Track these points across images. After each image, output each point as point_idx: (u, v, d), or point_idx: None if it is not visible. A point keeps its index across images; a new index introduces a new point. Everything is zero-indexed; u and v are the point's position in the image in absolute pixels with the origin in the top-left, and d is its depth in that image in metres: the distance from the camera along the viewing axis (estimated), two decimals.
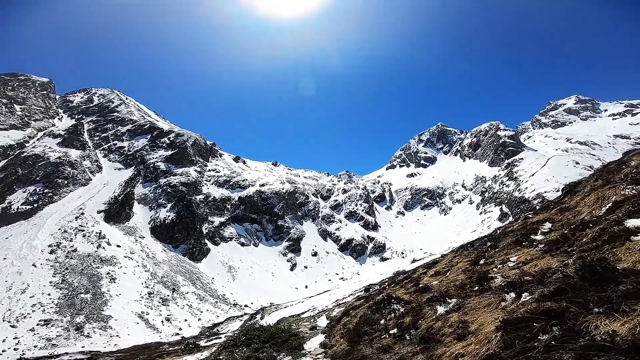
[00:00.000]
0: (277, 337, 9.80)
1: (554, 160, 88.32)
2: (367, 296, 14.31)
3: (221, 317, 49.58)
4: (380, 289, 16.48)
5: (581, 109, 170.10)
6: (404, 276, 15.08)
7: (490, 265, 7.13)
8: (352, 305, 13.26)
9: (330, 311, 21.26)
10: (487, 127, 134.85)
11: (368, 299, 12.63)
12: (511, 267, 6.30)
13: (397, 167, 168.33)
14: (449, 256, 13.98)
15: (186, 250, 69.16)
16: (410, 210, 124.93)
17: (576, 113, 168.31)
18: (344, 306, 19.24)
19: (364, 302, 12.19)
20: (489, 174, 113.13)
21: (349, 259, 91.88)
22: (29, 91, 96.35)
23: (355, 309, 11.28)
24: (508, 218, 79.71)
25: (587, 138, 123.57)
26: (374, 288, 20.55)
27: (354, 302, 14.94)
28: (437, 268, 10.75)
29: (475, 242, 14.17)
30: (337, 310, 18.56)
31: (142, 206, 74.66)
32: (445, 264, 11.16)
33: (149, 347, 16.90)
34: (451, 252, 17.39)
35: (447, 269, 9.65)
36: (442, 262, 12.67)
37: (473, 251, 10.52)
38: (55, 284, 40.78)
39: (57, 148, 77.66)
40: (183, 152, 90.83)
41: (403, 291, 8.95)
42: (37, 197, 63.52)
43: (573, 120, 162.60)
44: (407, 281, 11.77)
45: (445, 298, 6.15)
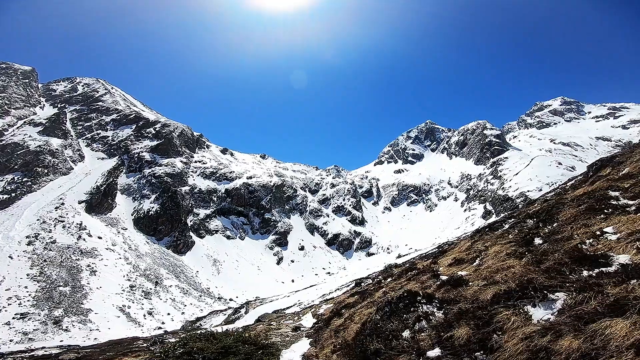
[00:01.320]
0: (233, 353, 6.41)
1: (537, 160, 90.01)
2: (362, 291, 12.25)
3: (205, 310, 49.24)
4: (374, 282, 14.48)
5: (566, 111, 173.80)
6: (402, 269, 13.16)
7: (568, 242, 5.30)
8: (344, 302, 11.39)
9: (317, 307, 19.71)
10: (475, 126, 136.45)
11: (364, 294, 10.91)
12: (619, 239, 4.59)
13: (385, 163, 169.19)
14: (463, 242, 12.02)
15: (170, 243, 68.22)
16: (396, 206, 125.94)
17: (561, 114, 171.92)
18: (332, 302, 17.39)
19: (359, 298, 10.57)
20: (474, 172, 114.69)
21: (336, 253, 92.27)
22: (10, 79, 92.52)
23: (348, 307, 9.79)
24: (492, 216, 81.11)
25: (571, 139, 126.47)
26: (365, 282, 18.75)
27: (346, 298, 13.10)
28: (455, 256, 9.16)
29: (498, 223, 12.04)
30: (325, 307, 17.28)
31: (125, 197, 73.12)
32: (464, 250, 9.50)
33: (122, 343, 16.49)
34: (466, 239, 15.11)
35: (473, 255, 7.92)
36: (456, 249, 10.95)
37: (507, 232, 8.74)
38: (32, 276, 39.65)
39: (37, 137, 75.09)
40: (169, 142, 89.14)
41: (418, 286, 7.11)
42: (15, 186, 61.44)
43: (558, 122, 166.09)
44: (413, 273, 9.77)
45: (536, 293, 3.79)
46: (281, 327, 13.03)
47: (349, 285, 36.87)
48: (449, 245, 15.51)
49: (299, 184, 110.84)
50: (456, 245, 13.52)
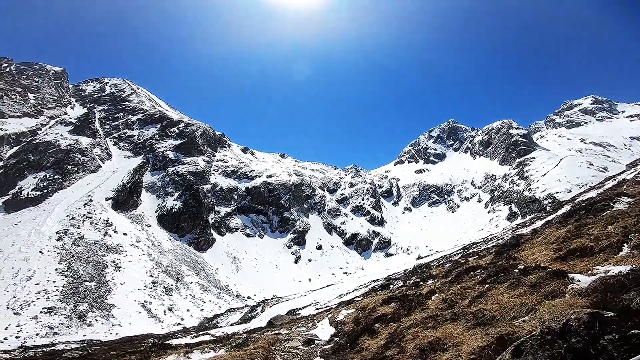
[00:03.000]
0: None
1: (567, 160, 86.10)
2: (402, 297, 9.51)
3: (223, 308, 50.07)
4: (410, 285, 12.00)
5: (597, 110, 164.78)
6: (446, 268, 11.01)
7: None
8: (377, 312, 8.91)
9: (335, 312, 16.22)
10: (499, 125, 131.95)
11: (408, 302, 8.27)
12: None
13: (405, 162, 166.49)
14: (550, 231, 9.22)
15: (192, 240, 69.76)
16: (417, 206, 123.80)
17: (592, 113, 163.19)
18: (353, 307, 14.52)
19: (400, 307, 8.16)
20: (499, 172, 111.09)
21: (354, 253, 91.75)
22: (42, 80, 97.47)
23: (384, 321, 7.46)
24: (517, 217, 78.41)
25: (603, 139, 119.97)
26: (395, 283, 15.91)
27: (378, 305, 10.31)
28: (553, 246, 7.10)
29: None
30: (345, 312, 14.02)
31: (150, 194, 75.35)
32: (561, 239, 7.37)
33: (134, 340, 16.89)
34: (552, 226, 11.60)
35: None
36: (540, 240, 8.85)
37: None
38: (60, 271, 41.54)
39: (68, 135, 78.61)
40: (192, 141, 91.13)
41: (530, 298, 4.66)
42: (47, 183, 64.53)
43: (588, 121, 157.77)
44: (473, 271, 7.87)
45: None
46: (291, 337, 11.13)
47: (367, 285, 36.39)
48: (517, 238, 12.04)
49: (317, 183, 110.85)
50: (537, 234, 10.86)
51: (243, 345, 9.14)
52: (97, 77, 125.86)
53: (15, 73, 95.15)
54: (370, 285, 35.03)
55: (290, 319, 22.47)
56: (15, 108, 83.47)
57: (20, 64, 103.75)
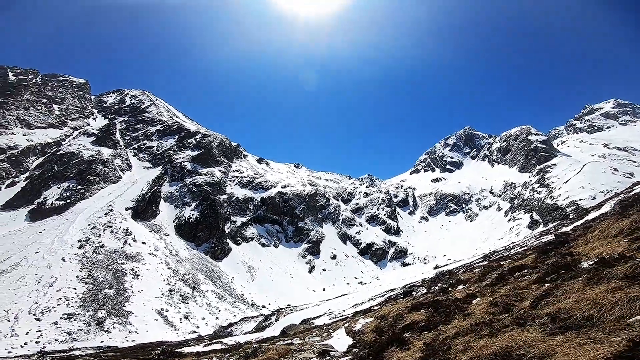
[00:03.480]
0: None
1: (590, 166, 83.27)
2: (434, 303, 8.54)
3: (238, 316, 50.04)
4: (437, 290, 10.95)
5: (620, 113, 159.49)
6: (477, 272, 10.12)
7: None
8: (406, 319, 7.93)
9: (352, 321, 14.96)
10: (518, 132, 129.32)
11: (443, 308, 7.45)
12: None
13: (421, 171, 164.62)
14: (608, 223, 8.50)
15: (208, 249, 70.45)
16: (434, 215, 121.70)
17: (614, 117, 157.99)
18: (372, 315, 13.63)
19: (433, 314, 7.28)
20: (519, 180, 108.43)
21: (369, 263, 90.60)
22: (66, 91, 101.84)
23: (415, 329, 6.63)
24: (539, 226, 76.01)
25: (627, 144, 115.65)
26: (418, 291, 14.70)
27: (401, 312, 9.36)
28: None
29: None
30: (364, 321, 13.00)
31: (168, 204, 76.82)
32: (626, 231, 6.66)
33: (147, 347, 16.99)
34: (609, 218, 10.91)
35: None
36: (596, 233, 8.04)
37: None
38: (81, 278, 42.55)
39: (90, 146, 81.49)
40: (209, 152, 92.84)
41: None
42: (70, 193, 66.78)
43: (611, 125, 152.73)
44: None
45: None
46: (304, 347, 10.36)
47: (383, 294, 35.73)
48: (563, 236, 11.00)
49: (331, 193, 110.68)
50: (590, 229, 9.73)
51: (252, 356, 8.87)
52: (118, 88, 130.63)
53: (41, 84, 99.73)
54: (386, 295, 34.38)
55: (304, 328, 21.99)
56: (41, 119, 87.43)
57: (45, 75, 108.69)
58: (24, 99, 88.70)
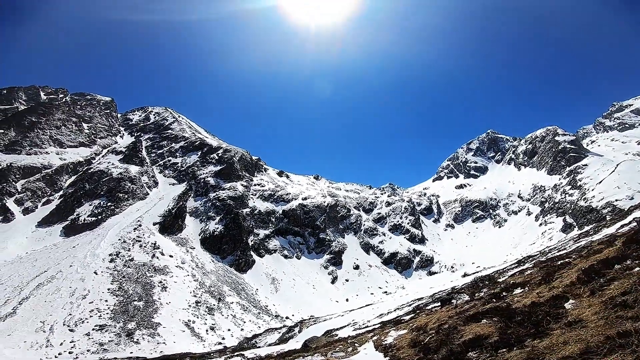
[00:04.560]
0: None
1: (624, 165, 79.13)
2: (501, 310, 7.04)
3: (262, 328, 50.01)
4: (488, 297, 9.36)
5: None
6: (537, 276, 8.53)
7: None
8: (455, 331, 6.56)
9: (382, 334, 12.56)
10: (544, 133, 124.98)
11: (509, 315, 6.33)
12: None
13: (444, 178, 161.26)
14: None
15: (233, 261, 71.26)
16: (460, 223, 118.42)
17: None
18: (404, 327, 11.60)
19: (504, 325, 5.80)
20: (548, 182, 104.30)
21: (393, 272, 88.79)
22: (94, 110, 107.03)
23: (481, 346, 5.33)
24: (573, 229, 72.55)
25: None
26: (459, 298, 12.69)
27: (453, 323, 7.56)
28: None
29: None
30: (396, 333, 11.09)
31: (193, 219, 78.63)
32: None
33: (170, 359, 17.20)
34: None
35: None
36: None
37: None
38: (112, 291, 43.94)
39: (118, 164, 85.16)
40: (230, 167, 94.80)
41: None
42: (101, 210, 69.70)
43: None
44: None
45: None
46: None
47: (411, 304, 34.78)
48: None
49: (352, 204, 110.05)
50: None
51: None
52: (142, 106, 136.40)
53: (71, 103, 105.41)
54: (414, 304, 33.43)
55: (327, 341, 20.86)
56: (72, 138, 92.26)
57: (74, 94, 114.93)
58: (56, 118, 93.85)
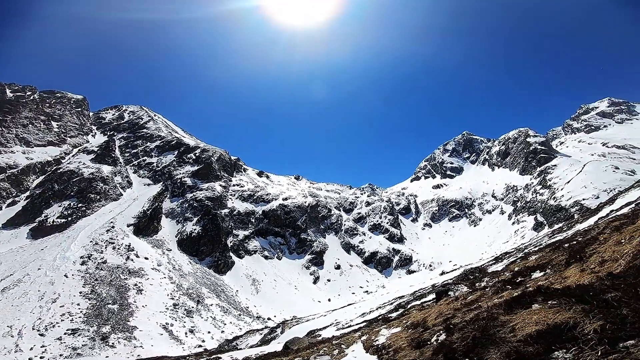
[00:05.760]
0: None
1: (591, 165, 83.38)
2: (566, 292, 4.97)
3: (244, 329, 49.08)
4: (501, 284, 8.40)
5: (615, 112, 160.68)
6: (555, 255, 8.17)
7: None
8: (492, 319, 4.95)
9: (371, 333, 11.05)
10: (516, 134, 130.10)
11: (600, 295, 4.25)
12: None
13: (422, 178, 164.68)
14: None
15: (211, 263, 69.69)
16: (437, 222, 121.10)
17: (610, 116, 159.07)
18: (396, 325, 10.22)
19: (585, 308, 3.81)
20: (520, 182, 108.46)
21: (374, 272, 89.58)
22: (65, 108, 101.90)
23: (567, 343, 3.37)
24: (544, 227, 75.59)
25: (625, 142, 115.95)
26: (456, 289, 11.24)
27: (445, 314, 7.29)
28: None
29: None
30: (387, 332, 9.59)
31: (170, 220, 76.35)
32: None
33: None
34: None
35: None
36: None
37: None
38: (84, 294, 41.86)
39: (90, 164, 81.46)
40: (208, 167, 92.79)
41: None
42: (71, 211, 66.41)
43: (608, 124, 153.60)
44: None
45: None
46: None
47: (392, 302, 34.96)
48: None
49: (333, 204, 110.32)
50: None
51: None
52: (116, 104, 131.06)
53: (39, 101, 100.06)
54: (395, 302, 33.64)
55: (309, 342, 19.11)
56: (40, 136, 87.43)
57: (43, 92, 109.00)
58: (23, 117, 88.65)
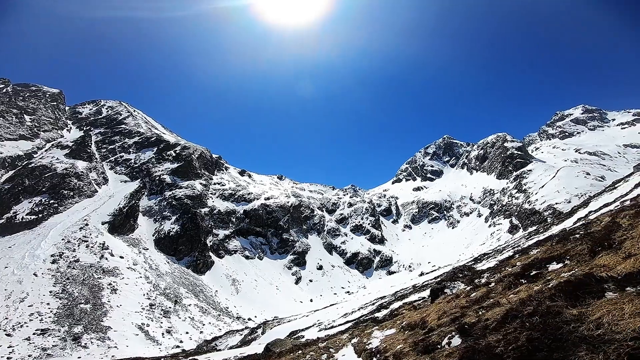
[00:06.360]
0: None
1: (564, 171, 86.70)
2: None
3: (223, 330, 48.25)
4: (513, 277, 6.96)
5: (589, 119, 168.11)
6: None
7: None
8: (554, 314, 3.68)
9: (362, 335, 10.27)
10: (494, 139, 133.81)
11: None
12: None
13: (403, 180, 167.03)
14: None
15: (190, 263, 68.23)
16: (417, 223, 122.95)
17: (584, 123, 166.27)
18: (389, 325, 9.62)
19: None
20: (497, 186, 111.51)
21: (355, 272, 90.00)
22: (39, 102, 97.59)
23: None
24: (518, 230, 77.90)
25: (597, 148, 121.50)
26: (454, 287, 10.22)
27: (453, 314, 6.33)
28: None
29: None
30: (380, 334, 8.65)
31: (147, 218, 74.26)
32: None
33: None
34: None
35: None
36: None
37: None
38: (55, 293, 40.00)
39: (64, 159, 78.17)
40: (189, 165, 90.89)
41: None
42: (42, 208, 63.47)
43: (581, 131, 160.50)
44: None
45: None
46: None
47: (374, 302, 35.16)
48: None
49: (316, 204, 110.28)
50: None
51: None
52: (94, 99, 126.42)
53: (12, 94, 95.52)
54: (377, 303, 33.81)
55: (293, 344, 17.67)
56: (12, 130, 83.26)
57: (17, 85, 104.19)
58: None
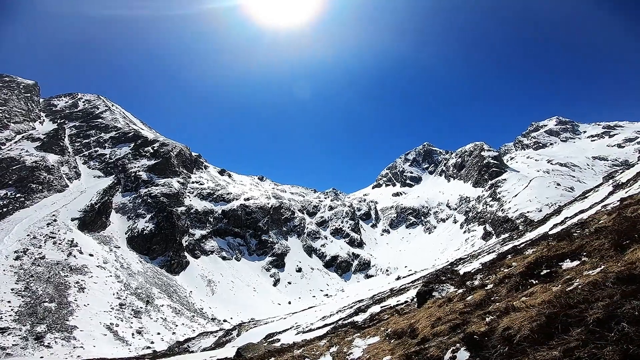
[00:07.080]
0: None
1: (536, 181, 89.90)
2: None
3: (197, 331, 47.01)
4: (517, 280, 5.71)
5: (562, 130, 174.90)
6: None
7: None
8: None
9: (342, 343, 8.80)
10: (472, 148, 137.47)
11: None
12: None
13: (383, 185, 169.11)
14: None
15: (164, 262, 66.32)
16: (395, 228, 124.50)
17: (557, 134, 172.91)
18: (372, 332, 8.62)
19: None
20: (473, 194, 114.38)
21: (334, 275, 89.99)
22: (12, 93, 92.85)
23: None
24: (492, 237, 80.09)
25: (568, 159, 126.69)
26: (441, 289, 9.46)
27: (453, 321, 5.49)
28: None
29: None
30: (362, 343, 7.79)
31: (120, 216, 71.78)
32: None
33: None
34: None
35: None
36: None
37: None
38: (17, 291, 37.84)
39: (34, 152, 74.60)
40: (167, 162, 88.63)
41: None
42: (7, 202, 60.20)
43: (554, 142, 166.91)
44: None
45: None
46: None
47: (352, 306, 35.04)
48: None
49: (297, 206, 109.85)
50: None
51: None
52: (71, 92, 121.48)
53: None
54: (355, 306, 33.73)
55: (266, 349, 15.37)
56: None
57: None
58: None
